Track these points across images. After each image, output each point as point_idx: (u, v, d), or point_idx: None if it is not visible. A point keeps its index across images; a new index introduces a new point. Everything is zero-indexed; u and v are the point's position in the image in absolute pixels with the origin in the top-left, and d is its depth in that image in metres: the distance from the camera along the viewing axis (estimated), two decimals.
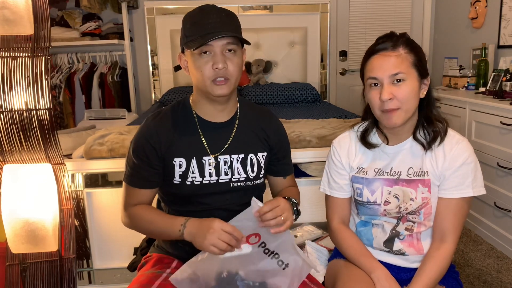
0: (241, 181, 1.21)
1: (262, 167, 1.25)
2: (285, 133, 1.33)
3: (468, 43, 3.36)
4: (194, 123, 1.20)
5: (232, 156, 1.21)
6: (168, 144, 1.17)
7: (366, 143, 1.23)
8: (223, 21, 1.10)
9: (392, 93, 1.09)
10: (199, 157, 1.18)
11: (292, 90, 3.56)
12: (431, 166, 1.16)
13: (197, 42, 1.08)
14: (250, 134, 1.24)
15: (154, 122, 1.19)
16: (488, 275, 2.16)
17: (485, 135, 2.48)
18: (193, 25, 1.10)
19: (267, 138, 1.26)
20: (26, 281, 1.58)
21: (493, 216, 2.48)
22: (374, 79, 1.12)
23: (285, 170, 1.32)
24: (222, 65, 1.09)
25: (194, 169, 1.17)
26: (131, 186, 1.19)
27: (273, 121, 1.30)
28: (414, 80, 1.11)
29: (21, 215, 1.48)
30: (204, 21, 1.09)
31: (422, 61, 1.13)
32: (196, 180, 1.17)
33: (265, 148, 1.25)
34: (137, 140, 1.18)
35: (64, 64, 3.77)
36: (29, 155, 1.50)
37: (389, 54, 1.10)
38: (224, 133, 1.21)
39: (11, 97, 1.45)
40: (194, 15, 1.12)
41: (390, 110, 1.11)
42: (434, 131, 1.16)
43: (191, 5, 1.32)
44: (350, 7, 4.00)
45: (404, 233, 1.20)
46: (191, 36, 1.10)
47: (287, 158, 1.33)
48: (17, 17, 1.42)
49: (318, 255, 1.47)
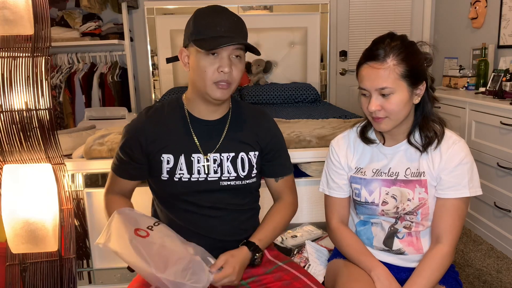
0: (231, 179, 1.20)
1: (254, 166, 1.23)
2: (279, 134, 1.30)
3: (468, 43, 3.36)
4: (186, 120, 1.20)
5: (222, 154, 1.20)
6: (155, 139, 1.18)
7: (365, 138, 1.24)
8: (235, 26, 1.11)
9: (380, 104, 1.10)
10: (188, 154, 1.18)
11: (292, 90, 3.56)
12: (428, 167, 1.16)
13: (210, 44, 1.07)
14: (242, 133, 1.23)
15: (145, 116, 1.21)
16: (488, 275, 2.16)
17: (485, 135, 2.48)
18: (206, 25, 1.10)
19: (258, 137, 1.25)
20: (26, 281, 1.58)
21: (493, 216, 2.48)
22: (363, 89, 1.12)
23: (275, 171, 1.29)
24: (228, 69, 1.10)
25: (182, 165, 1.18)
26: (113, 172, 1.26)
27: (266, 121, 1.28)
28: (404, 91, 1.09)
29: (21, 215, 1.48)
30: (216, 22, 1.10)
31: (417, 69, 1.10)
32: (184, 177, 1.17)
33: (256, 147, 1.24)
34: (126, 132, 1.21)
35: (64, 64, 3.77)
36: (29, 155, 1.50)
37: (377, 66, 1.08)
38: (216, 132, 1.21)
39: (11, 97, 1.45)
40: (207, 14, 1.12)
41: (378, 118, 1.12)
42: (430, 136, 1.15)
43: (191, 5, 1.32)
44: (350, 7, 4.00)
45: (402, 230, 1.20)
46: (202, 35, 1.10)
47: (279, 159, 1.29)
48: (17, 17, 1.42)
49: (318, 255, 1.47)
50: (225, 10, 1.13)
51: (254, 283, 1.19)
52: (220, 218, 1.21)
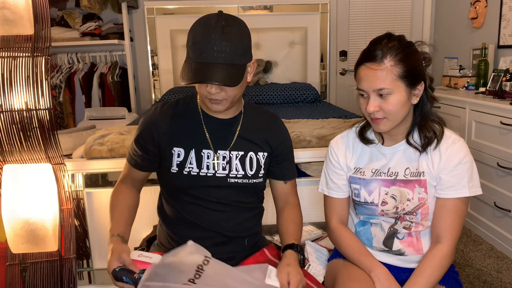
0: (239, 177, 1.22)
1: (262, 167, 1.25)
2: (289, 137, 1.33)
3: (468, 43, 3.36)
4: (198, 116, 1.23)
5: (232, 152, 1.22)
6: (167, 132, 1.21)
7: (364, 138, 1.24)
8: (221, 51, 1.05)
9: (378, 105, 1.10)
10: (199, 149, 1.20)
11: (292, 90, 3.56)
12: (427, 167, 1.16)
13: (190, 77, 1.07)
14: (253, 134, 1.25)
15: (160, 110, 1.25)
16: (488, 275, 2.16)
17: (485, 135, 2.48)
18: (194, 47, 1.08)
19: (269, 139, 1.27)
20: (26, 281, 1.58)
21: (493, 216, 2.48)
22: (361, 90, 1.13)
23: (284, 174, 1.31)
24: (214, 91, 1.10)
25: (192, 159, 1.20)
26: (127, 161, 1.29)
27: (277, 124, 1.31)
28: (402, 92, 1.09)
29: (21, 215, 1.48)
30: (202, 48, 1.06)
31: (415, 69, 1.10)
32: (193, 171, 1.20)
33: (266, 149, 1.26)
34: (141, 124, 1.26)
35: (64, 64, 3.77)
36: (29, 155, 1.50)
37: (375, 67, 1.08)
38: (227, 130, 1.23)
39: (11, 97, 1.45)
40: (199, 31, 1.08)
41: (376, 118, 1.12)
42: (429, 137, 1.15)
43: (191, 5, 1.32)
44: (350, 7, 4.00)
45: (402, 231, 1.20)
46: (190, 58, 1.09)
47: (288, 163, 1.32)
48: (17, 17, 1.42)
49: (318, 255, 1.47)
50: (216, 29, 1.06)
51: None
52: (224, 214, 1.22)
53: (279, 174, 1.31)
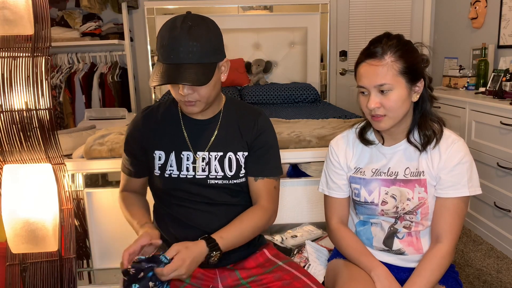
0: (218, 178, 1.21)
1: (242, 166, 1.23)
2: (269, 133, 1.26)
3: (468, 43, 3.36)
4: (178, 118, 1.24)
5: (211, 153, 1.22)
6: (149, 136, 1.23)
7: (364, 139, 1.24)
8: (189, 51, 1.05)
9: (379, 101, 1.10)
10: (178, 152, 1.21)
11: (292, 90, 3.56)
12: (427, 166, 1.16)
13: (159, 78, 1.06)
14: (232, 133, 1.24)
15: (141, 114, 1.27)
16: (488, 275, 2.16)
17: (485, 135, 2.48)
18: (162, 49, 1.08)
19: (246, 136, 1.24)
20: (26, 281, 1.58)
21: (493, 216, 2.48)
22: (362, 87, 1.13)
23: (255, 170, 1.23)
24: (186, 92, 1.10)
25: (172, 162, 1.21)
26: (122, 171, 1.31)
27: (254, 118, 1.25)
28: (402, 88, 1.10)
29: (21, 215, 1.48)
30: (169, 49, 1.06)
31: (415, 66, 1.10)
32: (174, 174, 1.21)
33: (245, 147, 1.24)
34: (126, 130, 1.29)
35: (64, 64, 3.78)
36: (29, 155, 1.50)
37: (375, 63, 1.09)
38: (206, 130, 1.23)
39: (11, 97, 1.45)
40: (165, 34, 1.08)
41: (377, 116, 1.12)
42: (428, 135, 1.15)
43: (191, 5, 1.32)
44: (350, 7, 4.00)
45: (402, 230, 1.21)
46: (159, 59, 1.10)
47: (264, 159, 1.24)
48: (17, 17, 1.42)
49: (318, 255, 1.47)
50: (183, 28, 1.06)
51: (254, 283, 1.19)
52: (212, 213, 1.22)
53: (250, 170, 1.23)
